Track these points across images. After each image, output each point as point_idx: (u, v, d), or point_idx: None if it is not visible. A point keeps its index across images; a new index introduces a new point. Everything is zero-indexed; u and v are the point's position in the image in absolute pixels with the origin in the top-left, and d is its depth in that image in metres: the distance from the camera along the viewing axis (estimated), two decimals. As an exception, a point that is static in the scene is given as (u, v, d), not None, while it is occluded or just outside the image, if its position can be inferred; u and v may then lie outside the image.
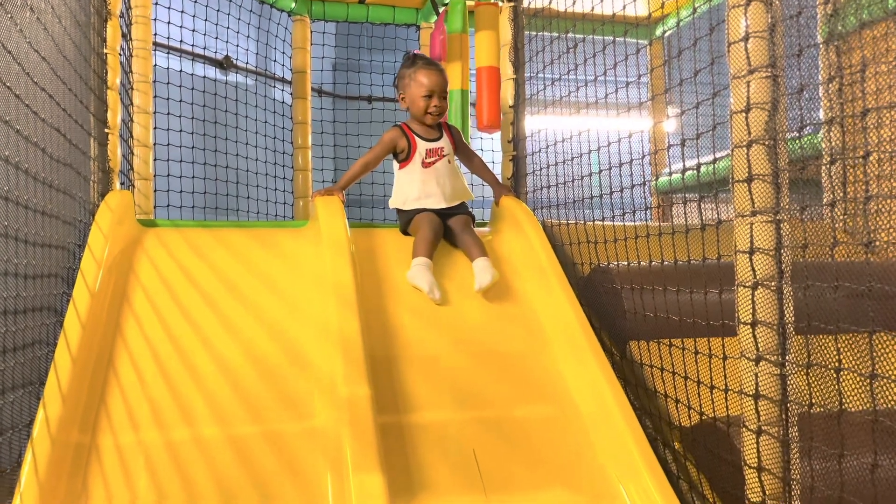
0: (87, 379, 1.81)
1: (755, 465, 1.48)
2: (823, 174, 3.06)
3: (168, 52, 3.85)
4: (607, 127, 2.45)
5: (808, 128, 1.58)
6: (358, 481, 1.57)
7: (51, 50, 1.87)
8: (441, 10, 4.05)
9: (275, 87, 4.61)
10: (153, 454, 1.70)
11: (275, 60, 4.54)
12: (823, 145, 2.92)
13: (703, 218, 1.73)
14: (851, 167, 2.84)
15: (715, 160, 1.74)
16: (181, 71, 3.85)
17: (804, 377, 1.41)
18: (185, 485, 1.65)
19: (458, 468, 1.80)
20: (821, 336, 1.44)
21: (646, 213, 2.20)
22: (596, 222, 2.50)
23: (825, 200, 3.05)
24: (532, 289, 2.43)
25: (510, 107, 2.99)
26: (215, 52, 4.13)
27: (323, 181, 4.49)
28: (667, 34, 4.43)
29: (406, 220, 2.61)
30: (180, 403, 1.83)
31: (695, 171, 1.87)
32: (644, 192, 2.33)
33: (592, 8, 2.42)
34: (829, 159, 2.78)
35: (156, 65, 3.51)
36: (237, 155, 4.13)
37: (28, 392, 1.67)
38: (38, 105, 1.73)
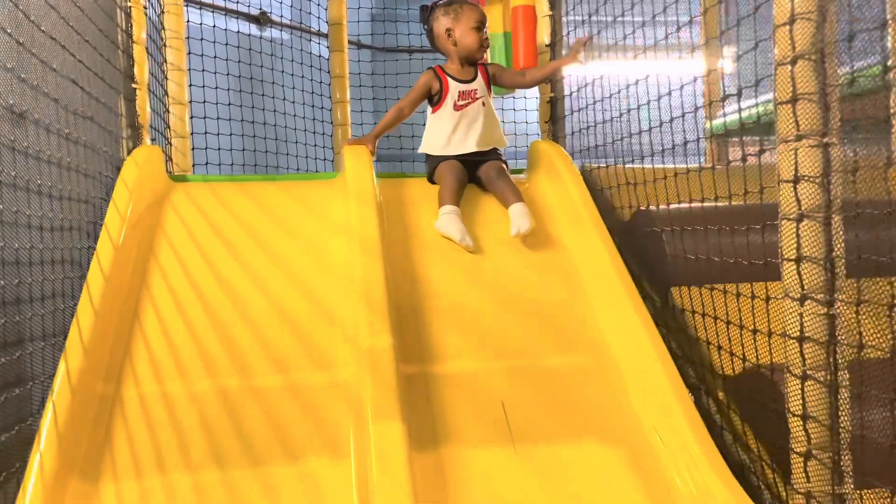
0: (111, 331, 1.81)
1: (800, 412, 1.36)
2: (893, 106, 2.82)
3: (201, 8, 3.81)
4: (655, 69, 2.27)
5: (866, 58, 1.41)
6: (377, 430, 1.52)
7: (63, 2, 1.84)
8: (478, -49, 3.88)
9: (311, 40, 4.54)
10: (177, 405, 1.70)
11: (310, 13, 4.45)
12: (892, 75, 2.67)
13: (753, 156, 1.58)
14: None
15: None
16: (214, 26, 3.80)
17: (854, 317, 1.28)
18: (208, 434, 1.64)
19: (485, 419, 1.73)
20: (877, 280, 1.30)
21: (698, 158, 2.06)
22: (636, 165, 2.35)
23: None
24: (568, 236, 2.32)
25: (546, 45, 2.84)
26: (249, 7, 4.08)
27: (363, 136, 4.42)
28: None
29: (432, 166, 2.52)
30: (204, 355, 1.81)
31: (751, 113, 1.72)
32: (697, 134, 2.16)
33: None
34: None
35: (189, 21, 3.47)
36: (275, 111, 4.09)
37: (51, 344, 1.68)
38: (53, 58, 1.70)
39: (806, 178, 1.32)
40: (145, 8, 2.62)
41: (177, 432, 1.64)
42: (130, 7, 2.50)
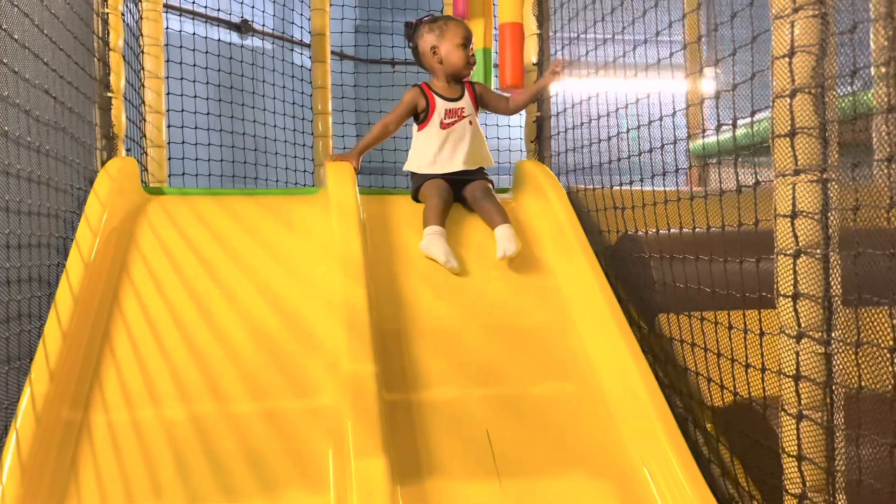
0: (80, 353, 1.73)
1: (795, 452, 1.33)
2: (874, 132, 2.83)
3: (181, 15, 3.73)
4: (639, 87, 2.26)
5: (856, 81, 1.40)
6: (360, 465, 1.46)
7: (37, 8, 1.76)
8: (464, -35, 3.85)
9: (293, 50, 4.47)
10: (147, 432, 1.62)
11: (293, 23, 4.39)
12: (874, 101, 2.69)
13: (741, 181, 1.56)
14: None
15: (753, 118, 1.56)
16: (194, 34, 3.73)
17: (852, 356, 1.25)
18: (179, 465, 1.56)
19: (469, 450, 1.68)
20: (872, 310, 1.28)
21: (678, 178, 2.05)
22: (624, 187, 2.33)
23: (876, 159, 2.82)
24: (554, 258, 2.28)
25: (534, 64, 2.81)
26: (230, 15, 4.00)
27: (344, 147, 4.36)
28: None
29: (417, 185, 2.47)
30: (178, 380, 1.74)
31: (735, 132, 1.69)
32: (676, 153, 2.16)
33: (621, -48, 2.22)
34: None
35: (168, 28, 3.40)
36: (255, 121, 4.01)
37: (16, 368, 1.59)
38: (24, 67, 1.62)
39: (804, 213, 1.29)
40: (123, 14, 2.54)
41: (147, 462, 1.56)
42: (108, 14, 2.42)
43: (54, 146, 1.88)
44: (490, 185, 2.49)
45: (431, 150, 2.48)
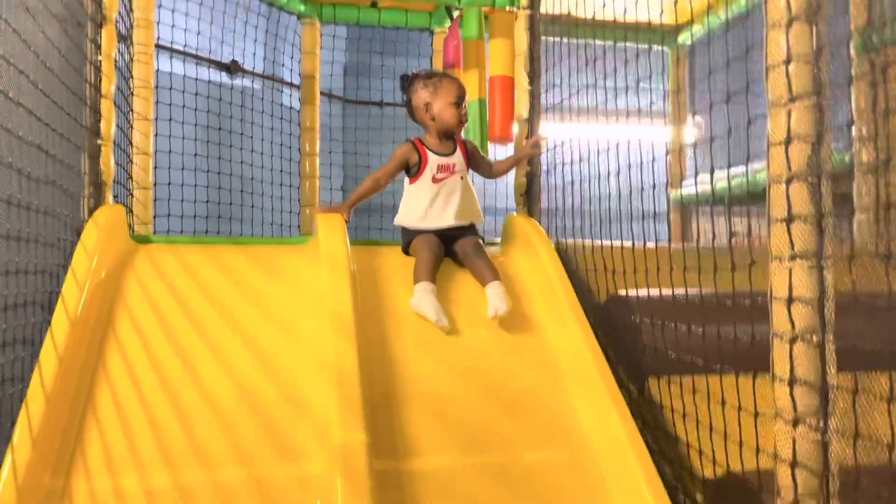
0: (62, 417, 1.68)
1: (790, 539, 1.33)
2: (854, 192, 2.90)
3: (171, 56, 3.73)
4: (625, 138, 2.30)
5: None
6: (349, 541, 1.43)
7: (31, 62, 1.75)
8: (455, 15, 3.91)
9: (282, 91, 4.48)
10: (130, 502, 1.57)
11: (283, 65, 4.41)
12: (855, 161, 2.76)
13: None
14: (886, 185, 2.68)
15: (729, 173, 1.59)
16: (185, 75, 3.72)
17: (850, 443, 1.25)
18: (163, 537, 1.52)
19: (460, 522, 1.65)
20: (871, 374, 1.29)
21: (658, 228, 2.10)
22: (614, 243, 2.34)
23: (855, 219, 2.88)
24: (544, 317, 2.28)
25: (525, 119, 2.84)
26: (221, 56, 4.01)
27: (331, 188, 4.36)
28: (689, 42, 4.26)
29: (408, 239, 2.47)
30: (163, 445, 1.69)
31: (717, 184, 1.72)
32: (655, 200, 2.20)
33: (615, 20, 2.27)
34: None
35: (158, 69, 3.39)
36: (242, 162, 4.00)
37: (-4, 433, 1.55)
38: (14, 122, 1.61)
39: (800, 299, 1.30)
40: (115, 59, 2.53)
41: (129, 534, 1.52)
42: (101, 61, 2.40)
43: (43, 201, 1.85)
44: (481, 242, 2.49)
45: (423, 204, 2.48)
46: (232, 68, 4.15)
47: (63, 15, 2.03)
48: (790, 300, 1.31)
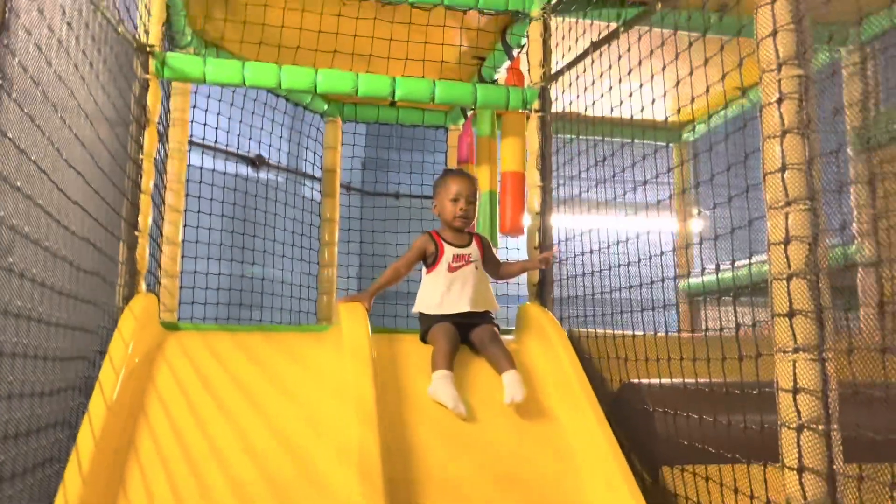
0: (97, 498, 1.74)
1: None
2: (859, 285, 2.99)
3: (203, 151, 3.95)
4: (635, 230, 2.43)
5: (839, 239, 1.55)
6: None
7: (86, 161, 1.91)
8: (469, 114, 4.13)
9: (304, 184, 4.69)
10: (158, 585, 1.61)
11: (305, 159, 4.64)
12: (857, 257, 2.86)
13: (730, 327, 1.66)
14: (889, 280, 2.77)
15: (734, 265, 1.69)
16: (213, 170, 3.93)
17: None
18: None
19: None
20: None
21: (669, 318, 2.20)
22: (626, 333, 2.43)
23: (861, 313, 2.96)
24: (559, 405, 2.34)
25: (536, 213, 2.98)
26: (248, 151, 4.24)
27: (348, 277, 4.49)
28: (691, 139, 4.46)
29: (426, 327, 2.56)
30: (190, 528, 1.74)
31: (723, 274, 1.83)
32: (663, 290, 2.30)
33: (621, 120, 2.44)
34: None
35: (189, 164, 3.58)
36: (264, 252, 4.16)
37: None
38: (69, 219, 1.75)
39: (805, 390, 1.38)
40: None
41: None
42: (142, 159, 2.58)
43: (88, 290, 1.97)
44: (496, 330, 2.58)
45: (439, 291, 2.59)
46: (257, 162, 4.37)
47: (113, 118, 2.21)
48: (795, 391, 1.39)
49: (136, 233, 2.55)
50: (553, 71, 3.03)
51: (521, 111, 3.14)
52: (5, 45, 1.25)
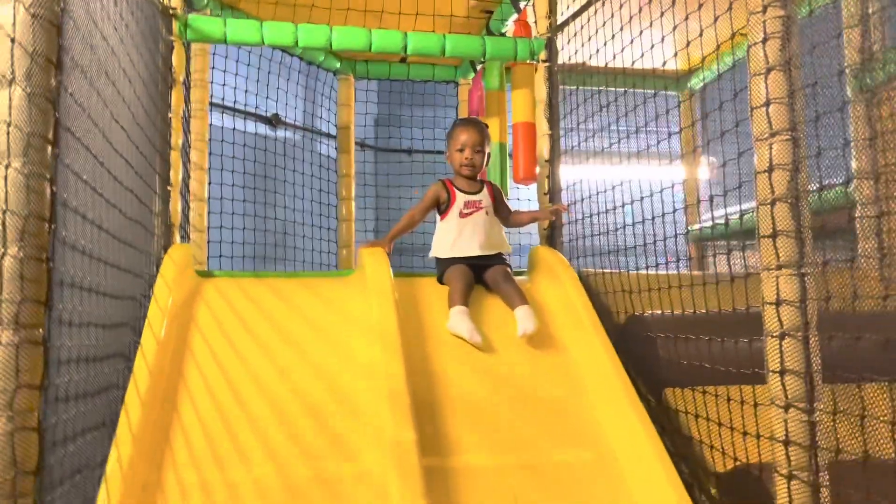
0: (153, 420, 1.95)
1: (787, 509, 1.53)
2: (857, 225, 3.12)
3: (223, 112, 4.10)
4: (643, 176, 2.57)
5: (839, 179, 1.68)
6: (405, 521, 1.66)
7: (127, 118, 2.07)
8: (478, 68, 4.25)
9: (320, 141, 4.84)
10: (214, 493, 1.82)
11: (320, 117, 4.77)
12: (856, 195, 2.98)
13: (734, 269, 1.82)
14: (887, 217, 2.90)
15: (741, 213, 1.84)
16: (234, 129, 4.09)
17: (832, 424, 1.47)
18: (244, 523, 1.76)
19: (499, 512, 1.87)
20: (849, 386, 1.51)
21: (678, 264, 2.33)
22: (631, 272, 2.59)
23: (859, 250, 3.10)
24: (569, 336, 2.51)
25: (546, 161, 3.12)
26: (265, 111, 4.38)
27: (365, 231, 4.66)
28: (699, 86, 4.55)
29: (442, 269, 2.72)
30: (237, 445, 1.95)
31: (730, 221, 1.97)
32: (676, 243, 2.43)
33: (624, 68, 2.56)
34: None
35: (211, 124, 3.74)
36: (285, 207, 4.33)
37: (101, 433, 1.81)
38: (117, 170, 1.91)
39: (786, 301, 1.54)
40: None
41: (215, 520, 1.76)
42: (171, 117, 2.74)
43: (134, 238, 2.15)
44: (509, 269, 2.74)
45: (451, 236, 2.75)
46: (273, 121, 4.51)
47: (146, 78, 2.37)
48: (778, 303, 1.55)
49: (169, 187, 2.72)
50: (559, 21, 3.14)
51: (529, 63, 3.25)
52: (62, 9, 1.39)
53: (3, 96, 1.28)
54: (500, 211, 2.88)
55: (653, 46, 2.26)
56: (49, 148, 1.34)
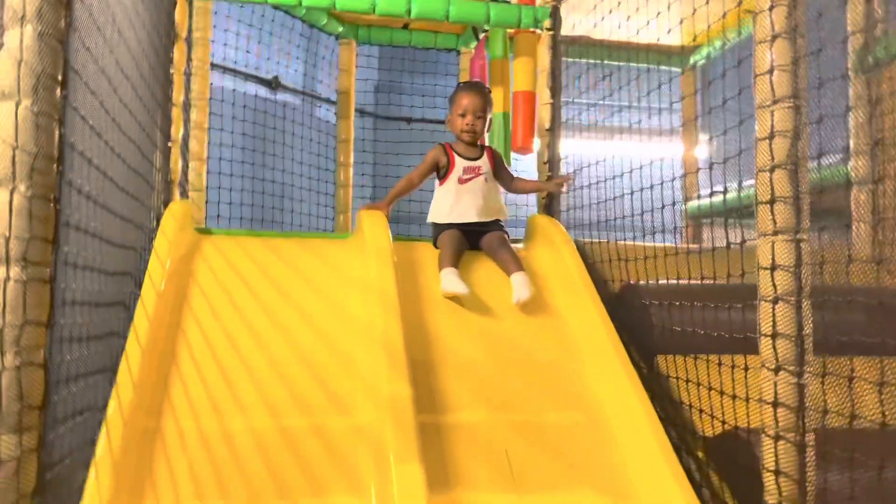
0: (153, 369, 1.97)
1: (773, 468, 1.58)
2: (853, 201, 3.15)
3: (223, 72, 4.08)
4: (640, 151, 2.58)
5: (837, 155, 1.70)
6: (399, 471, 1.69)
7: (132, 68, 2.06)
8: (481, 36, 4.23)
9: (320, 106, 4.82)
10: (211, 440, 1.85)
11: (321, 81, 4.75)
12: (852, 174, 3.01)
13: (729, 239, 1.84)
14: (882, 195, 2.93)
15: (740, 187, 1.86)
16: (234, 90, 4.07)
17: (820, 387, 1.51)
18: (240, 469, 1.80)
19: (491, 466, 1.92)
20: (839, 358, 1.55)
21: (675, 236, 2.36)
22: (626, 242, 2.62)
23: (853, 227, 3.13)
24: (564, 303, 2.54)
25: (546, 130, 3.13)
26: (265, 72, 4.36)
27: (363, 197, 4.67)
28: (699, 64, 4.55)
29: (436, 234, 2.74)
30: (235, 395, 1.98)
31: (726, 196, 1.99)
32: (674, 216, 2.46)
33: (627, 40, 2.57)
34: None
35: (211, 84, 3.72)
36: (283, 170, 4.33)
37: (103, 378, 1.84)
38: (121, 120, 1.92)
39: (781, 266, 1.57)
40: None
41: (213, 466, 1.79)
42: (173, 73, 2.73)
43: (136, 190, 2.16)
44: (506, 236, 2.76)
45: (449, 202, 2.76)
46: (273, 84, 4.49)
47: (150, 31, 2.35)
48: (773, 267, 1.58)
49: (170, 143, 2.72)
50: (564, -10, 3.13)
51: (532, 31, 3.25)
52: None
53: (14, 35, 1.29)
54: (502, 176, 2.89)
55: (658, 14, 2.26)
56: (58, 89, 1.35)
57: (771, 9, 1.60)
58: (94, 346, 1.72)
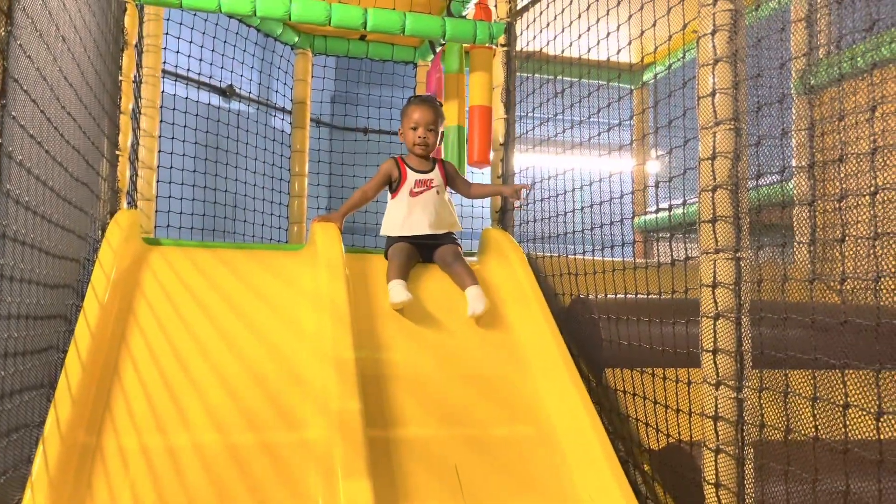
0: (94, 384, 1.92)
1: (714, 481, 1.61)
2: (795, 219, 3.25)
3: (175, 80, 4.01)
4: (594, 166, 2.63)
5: (781, 174, 1.75)
6: (347, 488, 1.68)
7: (76, 76, 2.02)
8: (438, 49, 4.25)
9: (275, 115, 4.78)
10: (154, 458, 1.81)
11: (276, 91, 4.71)
12: (795, 191, 3.11)
13: (676, 255, 1.89)
14: (821, 213, 3.03)
15: (685, 203, 1.91)
16: (186, 98, 4.00)
17: (758, 402, 1.55)
18: (184, 488, 1.76)
19: (440, 481, 1.91)
20: (776, 372, 1.59)
21: (624, 250, 2.40)
22: (577, 256, 2.65)
23: (795, 245, 3.23)
24: (516, 316, 2.56)
25: (500, 144, 3.16)
26: (220, 81, 4.30)
27: (318, 208, 4.63)
28: (650, 82, 4.65)
29: (388, 246, 2.75)
30: (180, 411, 1.94)
31: (675, 211, 2.04)
32: (622, 230, 2.50)
33: (580, 56, 2.61)
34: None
35: (163, 91, 3.66)
36: (236, 180, 4.27)
37: (40, 394, 1.78)
38: (64, 128, 1.87)
39: (722, 284, 1.61)
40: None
41: (155, 485, 1.75)
42: (122, 81, 2.68)
43: (79, 200, 2.10)
44: (459, 249, 2.78)
45: (401, 215, 2.77)
46: (227, 92, 4.43)
47: (97, 38, 2.31)
48: (714, 285, 1.62)
49: (117, 152, 2.66)
50: (518, 7, 3.17)
51: (487, 46, 3.28)
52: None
53: (-52, 42, 1.25)
54: (458, 186, 2.91)
55: (608, 35, 2.31)
56: (-4, 98, 1.31)
57: (713, 33, 1.65)
58: (31, 360, 1.66)
